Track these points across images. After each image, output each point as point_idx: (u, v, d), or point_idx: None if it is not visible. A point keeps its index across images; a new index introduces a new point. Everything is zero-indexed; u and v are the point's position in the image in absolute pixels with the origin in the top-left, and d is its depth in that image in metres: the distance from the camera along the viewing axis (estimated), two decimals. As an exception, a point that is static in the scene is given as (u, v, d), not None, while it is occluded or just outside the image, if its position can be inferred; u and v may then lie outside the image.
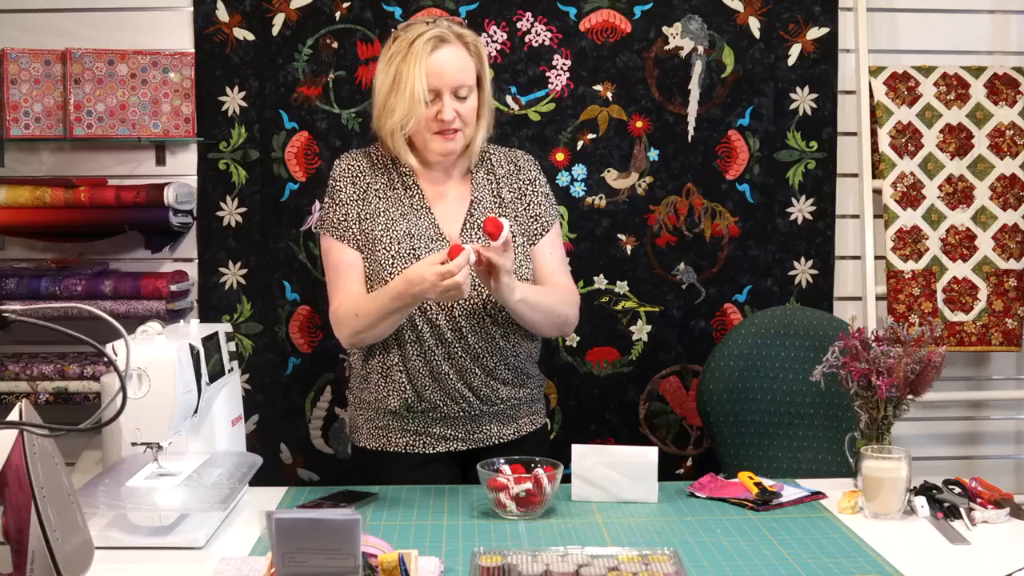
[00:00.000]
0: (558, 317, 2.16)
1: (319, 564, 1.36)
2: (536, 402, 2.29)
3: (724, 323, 2.92)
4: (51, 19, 2.79)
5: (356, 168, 2.18)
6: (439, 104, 2.08)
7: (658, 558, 1.65)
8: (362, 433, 2.23)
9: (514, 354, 2.18)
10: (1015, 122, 2.89)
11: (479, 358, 2.13)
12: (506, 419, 2.21)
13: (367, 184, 2.16)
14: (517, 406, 2.22)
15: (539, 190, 2.23)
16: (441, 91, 2.07)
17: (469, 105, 2.11)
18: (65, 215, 2.71)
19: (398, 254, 2.10)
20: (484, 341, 2.13)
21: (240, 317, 2.86)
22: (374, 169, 2.18)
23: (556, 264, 2.21)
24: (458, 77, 2.07)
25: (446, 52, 2.07)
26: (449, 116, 2.07)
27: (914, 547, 1.76)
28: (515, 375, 2.19)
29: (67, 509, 1.43)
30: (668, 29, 2.86)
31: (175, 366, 1.76)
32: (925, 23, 2.94)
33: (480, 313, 2.12)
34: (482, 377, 2.14)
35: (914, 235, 2.88)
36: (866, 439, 2.02)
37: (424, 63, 2.05)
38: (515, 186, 2.21)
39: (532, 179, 2.23)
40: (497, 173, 2.22)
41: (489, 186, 2.20)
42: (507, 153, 2.26)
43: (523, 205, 2.20)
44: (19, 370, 2.67)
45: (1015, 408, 3.07)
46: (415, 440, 2.17)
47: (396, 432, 2.18)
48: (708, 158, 2.89)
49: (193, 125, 2.80)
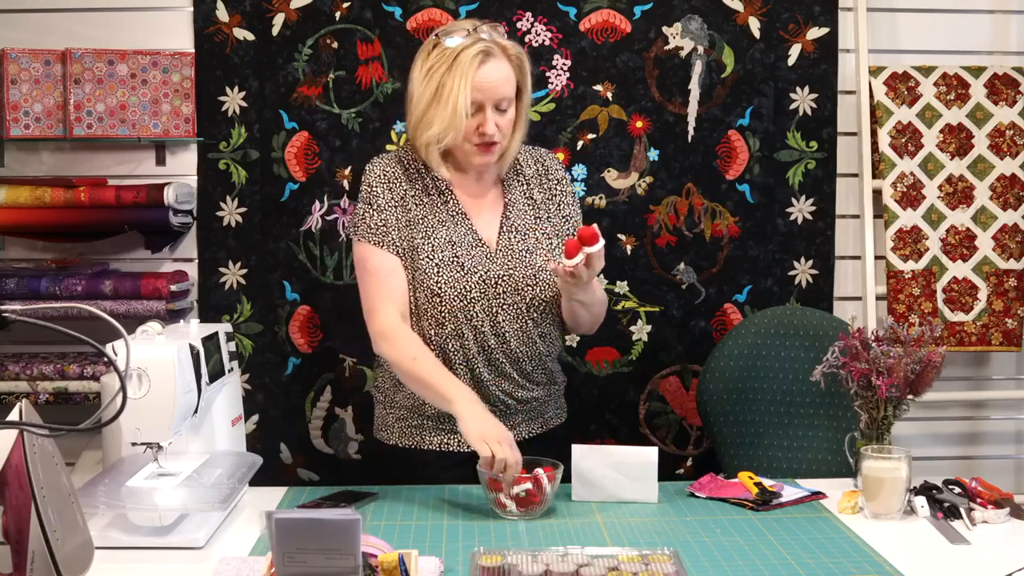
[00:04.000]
0: (599, 315, 2.23)
1: (319, 564, 1.36)
2: (558, 397, 2.32)
3: (724, 323, 2.91)
4: (51, 19, 2.79)
5: (392, 174, 2.16)
6: (480, 117, 2.07)
7: (658, 558, 1.65)
8: (393, 431, 2.23)
9: (549, 356, 2.21)
10: (1015, 122, 2.89)
11: (518, 362, 2.15)
12: (535, 415, 2.23)
13: (404, 191, 2.15)
14: (545, 402, 2.25)
15: (567, 190, 2.25)
16: (484, 105, 2.06)
17: (508, 117, 2.11)
18: (65, 215, 2.70)
19: (442, 262, 2.10)
20: (525, 346, 2.15)
21: (240, 317, 2.86)
22: (408, 175, 2.17)
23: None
24: (501, 91, 2.07)
25: (492, 66, 2.05)
26: (491, 130, 2.07)
27: (914, 547, 1.76)
28: (547, 375, 2.23)
29: (67, 509, 1.43)
30: (668, 29, 2.86)
31: (175, 366, 1.76)
32: (925, 23, 2.94)
33: (523, 317, 2.13)
34: (520, 381, 2.16)
35: (914, 235, 2.88)
36: (866, 439, 2.02)
37: (470, 78, 2.02)
38: (545, 187, 2.22)
39: (560, 179, 2.25)
40: (526, 173, 2.22)
41: (520, 188, 2.21)
42: (532, 152, 2.27)
43: (554, 206, 2.22)
44: (19, 370, 2.67)
45: (1015, 408, 3.07)
46: (449, 439, 2.17)
47: (431, 432, 2.18)
48: (708, 158, 2.89)
49: (193, 125, 2.80)
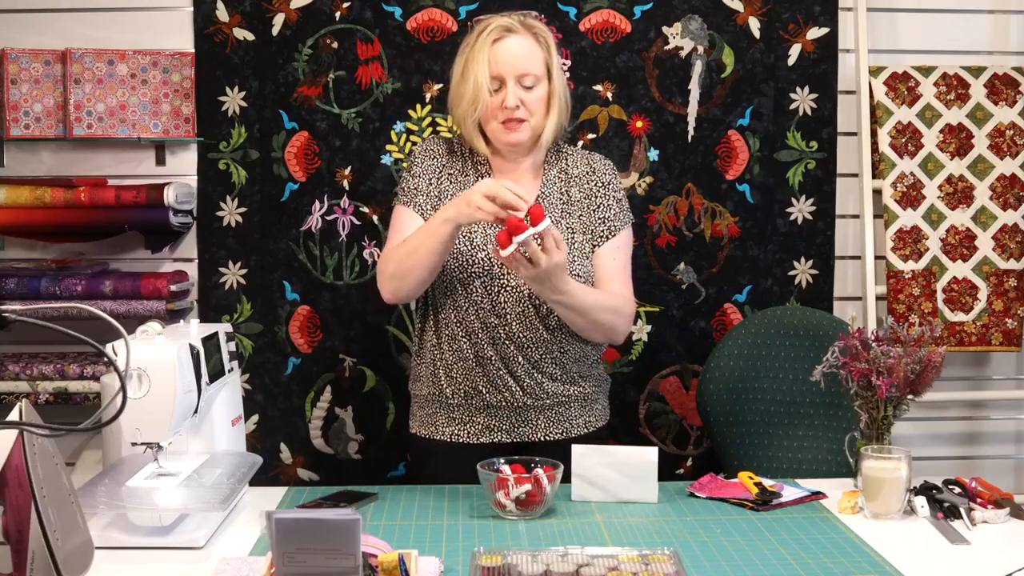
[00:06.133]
0: (602, 324, 2.12)
1: (319, 564, 1.36)
2: (592, 403, 2.25)
3: (724, 323, 2.91)
4: (51, 19, 2.79)
5: (434, 150, 2.23)
6: (504, 93, 2.11)
7: (658, 558, 1.65)
8: (415, 419, 2.27)
9: (561, 350, 2.17)
10: (1015, 122, 2.89)
11: (524, 347, 2.14)
12: (555, 416, 2.19)
13: (442, 165, 2.21)
14: (567, 404, 2.20)
15: (611, 194, 2.22)
16: (505, 79, 2.10)
17: (536, 95, 2.13)
18: (65, 215, 2.71)
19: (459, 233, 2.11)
20: (529, 331, 2.13)
21: (240, 317, 2.86)
22: (451, 154, 2.23)
23: (616, 270, 2.19)
24: (522, 65, 2.10)
25: (511, 41, 2.12)
26: (512, 102, 2.10)
27: (914, 547, 1.76)
28: (564, 371, 2.18)
29: (67, 509, 1.43)
30: (668, 29, 2.86)
31: (175, 366, 1.76)
32: (925, 23, 2.94)
33: (525, 302, 2.13)
34: (526, 367, 2.14)
35: (914, 235, 2.88)
36: (866, 439, 2.02)
37: (487, 51, 2.10)
38: (586, 187, 2.21)
39: (606, 182, 2.23)
40: (571, 173, 2.23)
41: (559, 184, 2.21)
42: (585, 155, 2.27)
43: (592, 206, 2.20)
44: (19, 370, 2.67)
45: (1015, 408, 3.07)
46: (460, 429, 2.18)
47: (443, 421, 2.20)
48: (708, 158, 2.89)
49: (193, 125, 2.80)
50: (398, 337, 2.86)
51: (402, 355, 2.87)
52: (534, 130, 2.15)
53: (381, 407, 2.90)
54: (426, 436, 2.23)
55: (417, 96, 2.84)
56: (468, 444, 2.18)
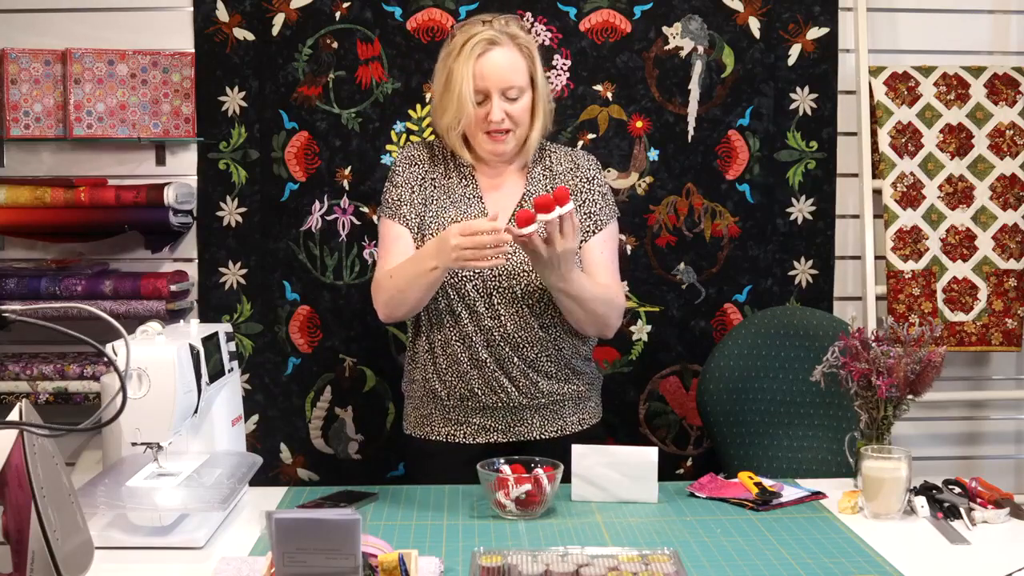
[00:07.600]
0: (598, 316, 2.14)
1: (319, 564, 1.36)
2: (585, 400, 2.26)
3: (724, 323, 2.91)
4: (51, 19, 2.79)
5: (416, 157, 2.23)
6: (488, 105, 2.10)
7: (658, 558, 1.65)
8: (410, 420, 2.28)
9: (556, 347, 2.18)
10: (1015, 122, 2.89)
11: (519, 347, 2.14)
12: (550, 415, 2.20)
13: (424, 171, 2.21)
14: (561, 402, 2.21)
15: (596, 188, 2.23)
16: (489, 92, 2.10)
17: (520, 106, 2.13)
18: (65, 215, 2.71)
19: None
20: (523, 331, 2.14)
21: (240, 317, 2.86)
22: (433, 159, 2.23)
23: (604, 263, 2.20)
24: (507, 78, 2.10)
25: (496, 54, 2.10)
26: (497, 117, 2.10)
27: (914, 547, 1.76)
28: (558, 368, 2.19)
29: (67, 509, 1.43)
30: (668, 29, 2.86)
31: (175, 366, 1.76)
32: (925, 23, 2.94)
33: (519, 302, 2.13)
34: (521, 367, 2.15)
35: (914, 235, 2.88)
36: (866, 439, 2.02)
37: (472, 65, 2.08)
38: (571, 183, 2.21)
39: (590, 177, 2.23)
40: (555, 170, 2.23)
41: (544, 181, 2.21)
42: (567, 152, 2.28)
43: (578, 201, 2.19)
44: (19, 370, 2.67)
45: (1015, 408, 3.07)
46: (456, 430, 2.19)
47: (439, 422, 2.20)
48: (708, 158, 2.89)
49: (193, 125, 2.80)
50: (398, 337, 2.87)
51: (402, 355, 2.86)
52: (519, 139, 2.16)
53: (381, 407, 2.90)
54: (422, 436, 2.24)
55: (417, 96, 2.84)
56: (464, 444, 2.18)
